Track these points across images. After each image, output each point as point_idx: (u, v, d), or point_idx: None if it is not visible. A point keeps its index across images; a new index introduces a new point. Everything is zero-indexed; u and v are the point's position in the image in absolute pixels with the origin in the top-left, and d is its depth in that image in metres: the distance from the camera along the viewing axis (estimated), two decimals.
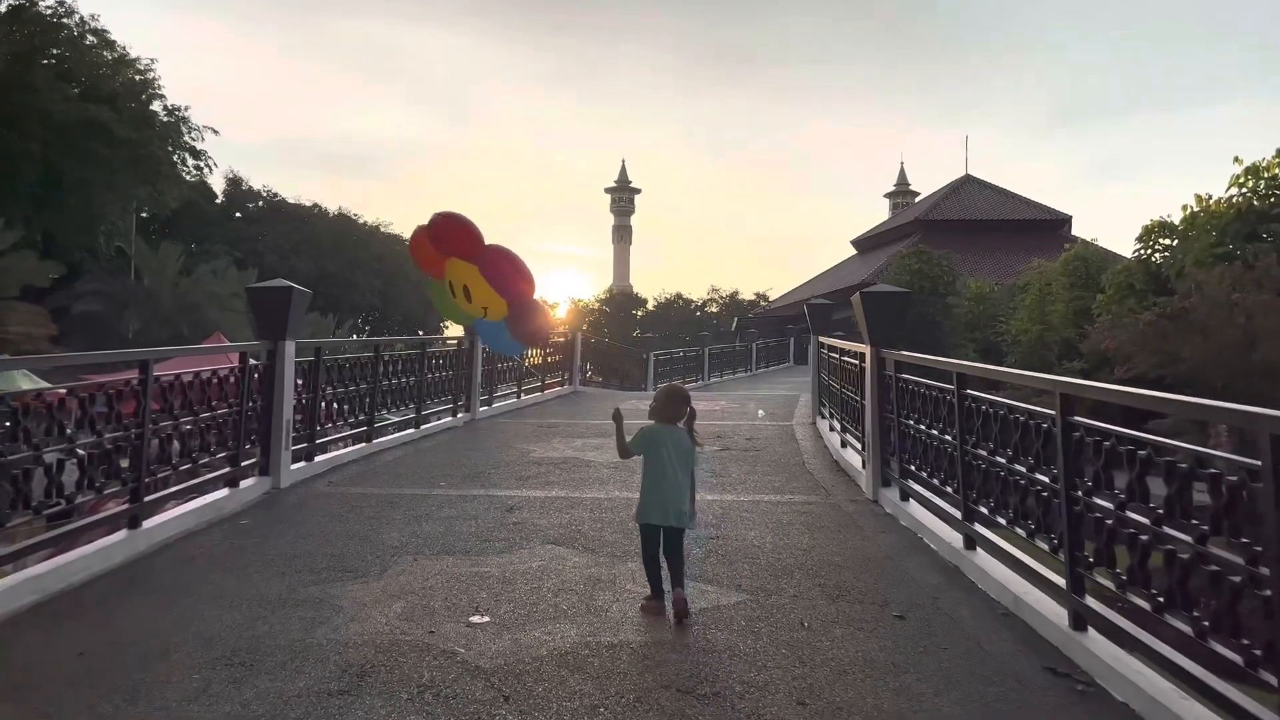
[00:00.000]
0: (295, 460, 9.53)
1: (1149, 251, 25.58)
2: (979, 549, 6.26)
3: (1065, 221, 53.88)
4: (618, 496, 8.79)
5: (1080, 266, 31.03)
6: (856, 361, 10.04)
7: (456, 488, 9.16)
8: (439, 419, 13.96)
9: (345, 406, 11.12)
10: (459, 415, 14.44)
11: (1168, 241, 25.12)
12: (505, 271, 8.15)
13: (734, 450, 11.91)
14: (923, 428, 7.43)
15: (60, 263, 36.44)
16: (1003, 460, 5.80)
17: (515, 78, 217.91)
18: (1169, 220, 25.19)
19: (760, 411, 16.23)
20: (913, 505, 7.80)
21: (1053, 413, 4.97)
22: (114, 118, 40.18)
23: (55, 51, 42.06)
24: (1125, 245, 40.19)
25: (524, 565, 6.37)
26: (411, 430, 12.83)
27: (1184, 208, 23.21)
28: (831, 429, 12.46)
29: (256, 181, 75.18)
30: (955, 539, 6.64)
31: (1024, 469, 5.49)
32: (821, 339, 14.41)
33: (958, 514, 6.58)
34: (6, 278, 29.57)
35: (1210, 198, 22.82)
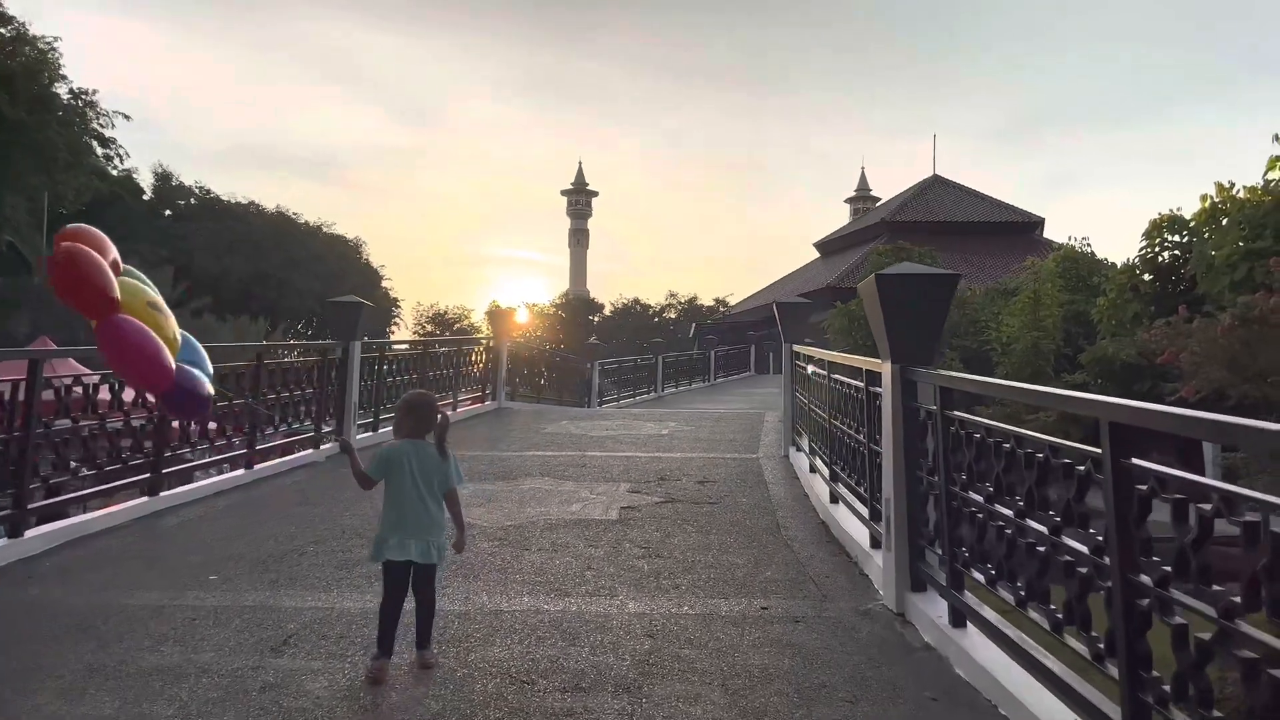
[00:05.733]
0: (362, 431, 12.09)
1: (1154, 249, 22.69)
2: None
3: (1038, 224, 51.48)
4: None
5: (1071, 268, 28.24)
6: (860, 384, 6.73)
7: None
8: None
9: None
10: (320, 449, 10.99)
11: (1177, 238, 22.24)
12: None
13: (681, 501, 8.56)
14: (1005, 512, 4.14)
15: None
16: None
17: (473, 82, 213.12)
18: (1179, 214, 22.33)
19: (759, 448, 12.77)
20: (975, 639, 4.50)
21: None
22: (4, 99, 36.10)
23: None
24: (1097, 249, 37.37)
25: None
26: None
27: (1203, 198, 20.25)
28: (814, 470, 9.16)
29: (221, 187, 71.03)
30: None
31: None
32: (796, 348, 11.12)
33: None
34: None
35: (1233, 186, 19.90)
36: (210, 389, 4.75)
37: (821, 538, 7.28)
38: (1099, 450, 3.28)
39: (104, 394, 7.56)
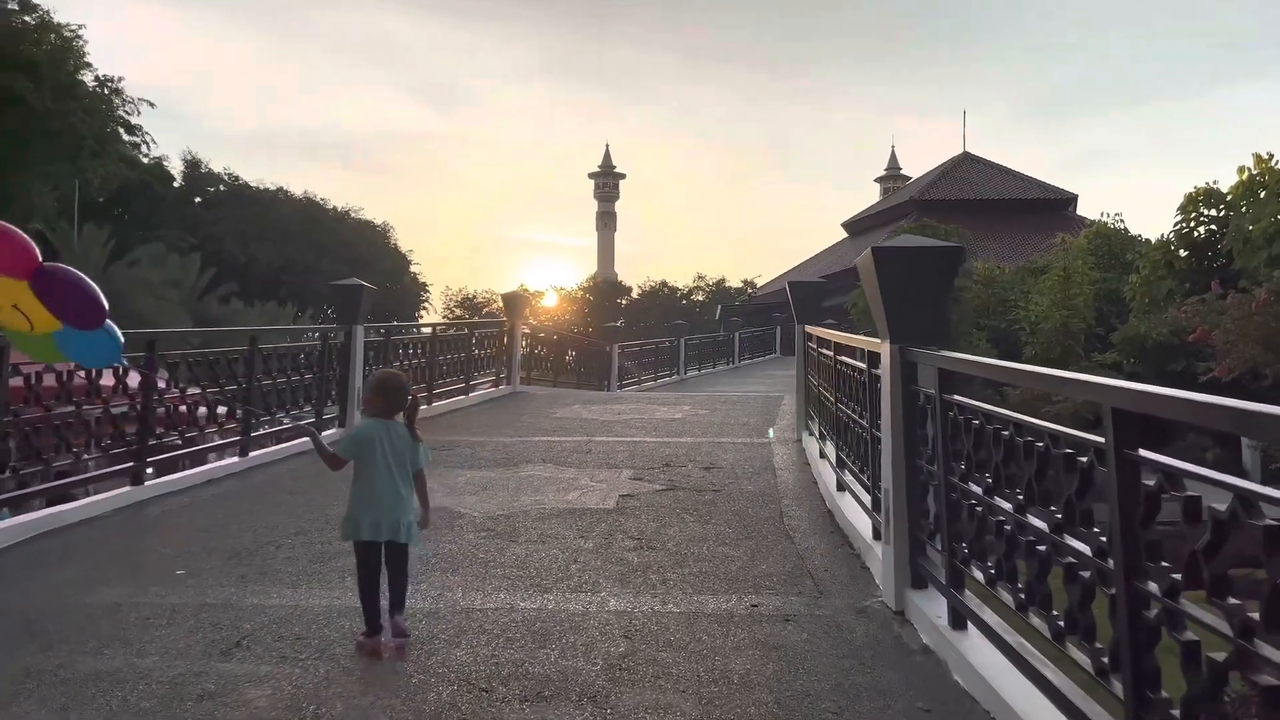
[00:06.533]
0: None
1: (1190, 224, 21.96)
2: None
3: (1071, 201, 50.34)
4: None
5: (1104, 245, 27.49)
6: (862, 365, 6.36)
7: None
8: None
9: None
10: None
11: (1214, 212, 21.51)
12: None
13: (683, 488, 8.22)
14: (1004, 506, 3.76)
15: None
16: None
17: (500, 66, 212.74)
18: (1215, 188, 21.58)
19: (770, 431, 12.28)
20: (976, 642, 4.13)
21: None
22: (29, 87, 36.24)
23: None
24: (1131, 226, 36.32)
25: None
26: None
27: (1240, 170, 19.52)
28: (823, 455, 8.78)
29: (250, 173, 71.36)
30: None
31: None
32: (809, 329, 10.72)
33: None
34: None
35: (1271, 158, 19.16)
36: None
37: (825, 528, 6.91)
38: (1102, 440, 2.91)
39: (79, 380, 7.33)
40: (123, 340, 4.99)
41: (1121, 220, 29.21)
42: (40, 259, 4.64)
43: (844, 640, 4.60)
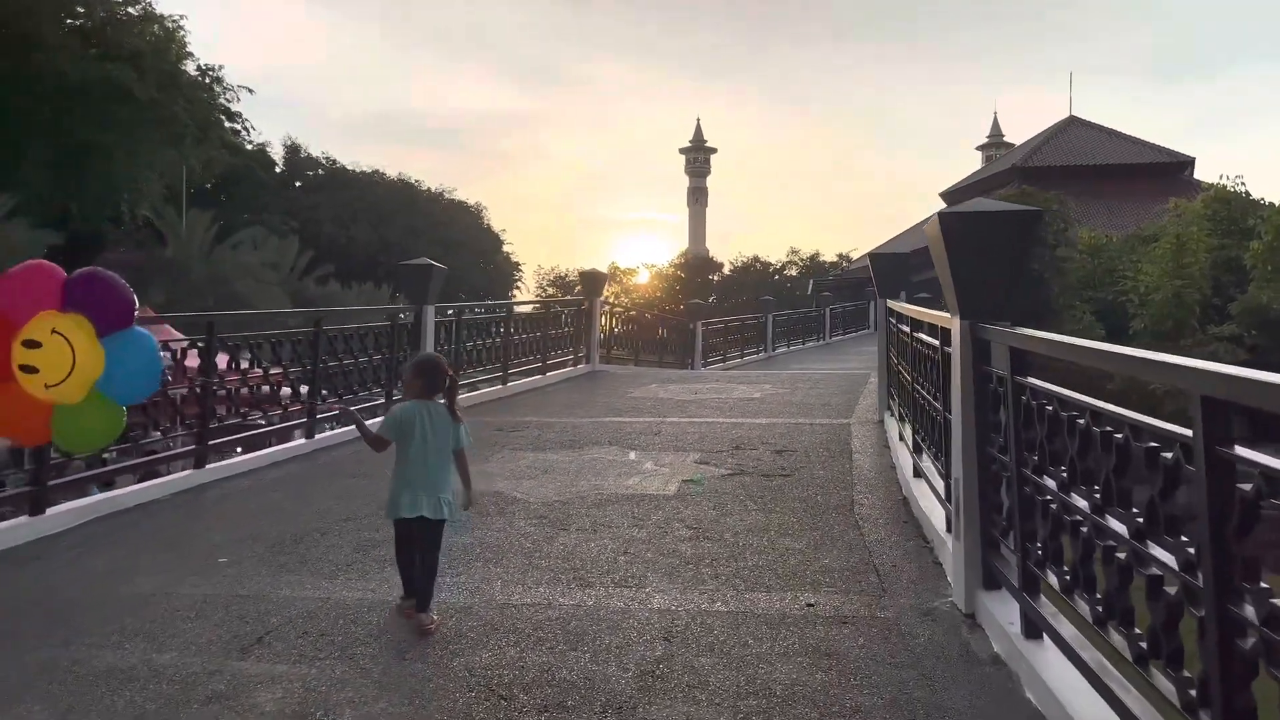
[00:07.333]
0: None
1: None
2: None
3: (1188, 164, 47.52)
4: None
5: (1223, 210, 25.78)
6: (935, 343, 5.86)
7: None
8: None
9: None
10: None
11: None
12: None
13: (750, 473, 7.83)
14: (1080, 504, 3.29)
15: (60, 232, 33.79)
16: None
17: (591, 44, 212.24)
18: None
19: (853, 412, 11.74)
20: (1051, 655, 3.66)
21: None
22: (134, 78, 37.43)
23: (80, 10, 39.55)
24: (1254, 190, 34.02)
25: None
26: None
27: None
28: (902, 438, 8.26)
29: (345, 156, 73.04)
30: None
31: None
32: (890, 304, 10.15)
33: None
34: None
35: None
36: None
37: (899, 517, 6.44)
38: (1189, 433, 2.44)
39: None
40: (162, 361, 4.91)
41: (1242, 183, 27.40)
42: (65, 274, 4.55)
43: (905, 647, 4.17)
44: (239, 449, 9.34)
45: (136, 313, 4.77)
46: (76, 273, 4.66)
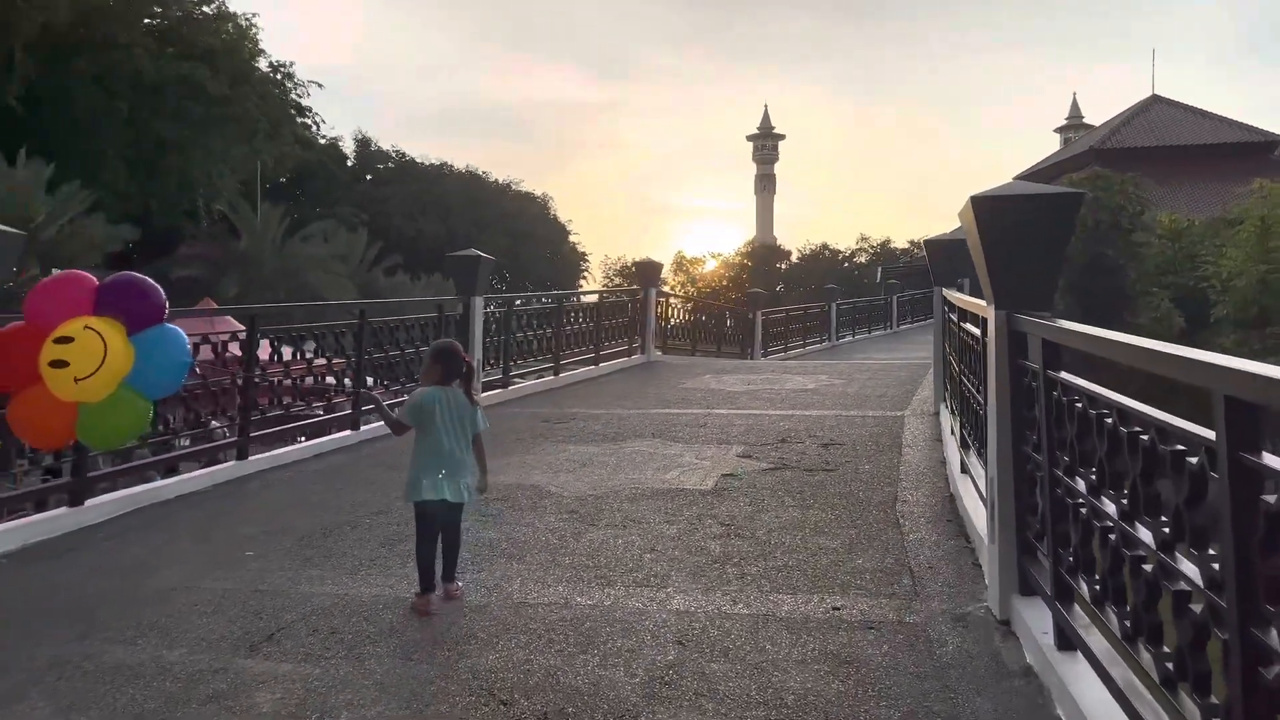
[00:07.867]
0: (489, 389, 11.48)
1: None
2: None
3: (1276, 143, 45.46)
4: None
5: None
6: (977, 332, 5.59)
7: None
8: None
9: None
10: None
11: None
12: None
13: (792, 467, 7.61)
14: (1108, 509, 3.04)
15: (138, 227, 34.76)
16: None
17: (658, 32, 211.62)
18: None
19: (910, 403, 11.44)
20: (1083, 669, 3.41)
21: None
22: (208, 75, 38.37)
23: (158, 10, 40.67)
24: None
25: None
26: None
27: None
28: (953, 431, 7.96)
29: (413, 149, 74.24)
30: None
31: None
32: (947, 293, 9.80)
33: None
34: (74, 244, 27.70)
35: None
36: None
37: (943, 515, 6.18)
38: (1213, 436, 2.20)
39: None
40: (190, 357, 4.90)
41: None
42: (96, 282, 4.56)
43: (930, 656, 3.95)
44: (302, 437, 9.45)
45: (196, 306, 4.78)
46: (108, 278, 4.68)
